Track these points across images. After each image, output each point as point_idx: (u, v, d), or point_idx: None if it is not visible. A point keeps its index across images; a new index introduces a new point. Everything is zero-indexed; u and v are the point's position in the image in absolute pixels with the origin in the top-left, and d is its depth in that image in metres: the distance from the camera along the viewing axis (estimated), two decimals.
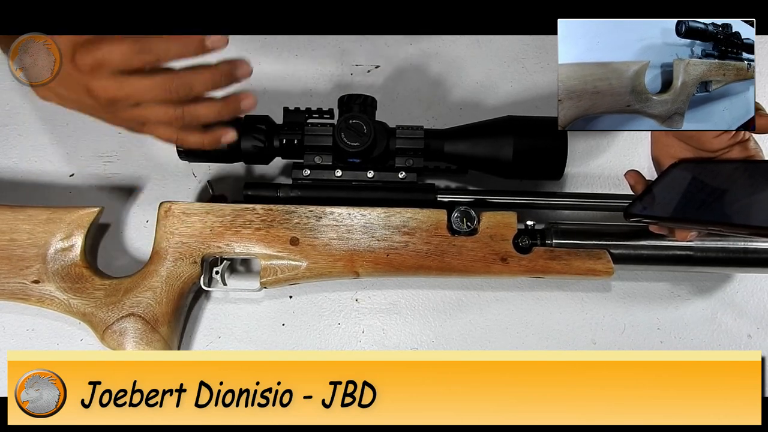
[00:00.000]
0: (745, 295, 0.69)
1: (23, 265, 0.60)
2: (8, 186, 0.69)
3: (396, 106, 0.72)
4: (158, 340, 0.60)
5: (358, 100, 0.61)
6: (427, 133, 0.62)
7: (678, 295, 0.68)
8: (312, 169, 0.62)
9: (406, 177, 0.63)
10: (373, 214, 0.61)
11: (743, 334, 0.67)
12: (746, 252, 0.60)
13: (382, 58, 0.75)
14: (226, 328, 0.66)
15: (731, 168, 0.52)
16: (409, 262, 0.60)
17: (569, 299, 0.68)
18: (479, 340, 0.66)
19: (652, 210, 0.54)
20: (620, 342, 0.67)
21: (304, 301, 0.67)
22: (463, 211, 0.61)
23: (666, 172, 0.55)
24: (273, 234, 0.60)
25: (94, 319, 0.60)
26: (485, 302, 0.68)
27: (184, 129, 0.48)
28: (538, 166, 0.61)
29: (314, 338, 0.66)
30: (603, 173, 0.72)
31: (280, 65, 0.74)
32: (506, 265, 0.60)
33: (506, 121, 0.62)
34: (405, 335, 0.67)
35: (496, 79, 0.74)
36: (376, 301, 0.68)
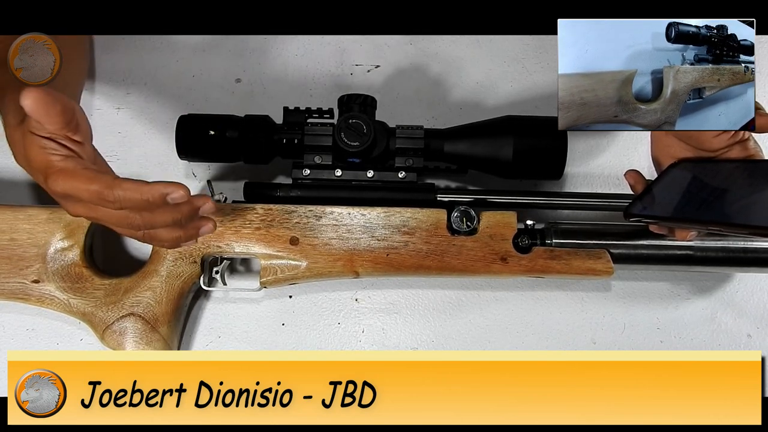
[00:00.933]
0: (745, 294, 0.69)
1: (23, 265, 0.60)
2: (8, 186, 0.69)
3: (396, 105, 0.72)
4: (158, 340, 0.60)
5: (358, 100, 0.61)
6: (427, 132, 0.62)
7: (678, 294, 0.68)
8: (312, 169, 0.62)
9: (405, 177, 0.63)
10: (372, 213, 0.61)
11: (743, 334, 0.67)
12: (746, 251, 0.60)
13: (382, 58, 0.75)
14: (226, 328, 0.66)
15: (731, 167, 0.51)
16: (408, 261, 0.60)
17: (569, 299, 0.68)
18: (479, 340, 0.67)
19: (652, 210, 0.54)
20: (620, 341, 0.67)
21: (304, 301, 0.67)
22: (462, 211, 0.61)
23: (666, 171, 0.55)
24: (273, 233, 0.60)
25: (94, 319, 0.60)
26: (485, 302, 0.68)
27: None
28: (538, 166, 0.61)
29: (314, 338, 0.66)
30: (603, 173, 0.72)
31: (280, 65, 0.74)
32: (506, 264, 0.60)
33: (506, 120, 0.62)
34: (405, 335, 0.67)
35: (496, 79, 0.74)
36: (375, 300, 0.68)
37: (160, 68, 0.73)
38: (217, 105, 0.72)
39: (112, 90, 0.72)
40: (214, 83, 0.73)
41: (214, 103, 0.72)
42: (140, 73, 0.73)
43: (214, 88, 0.73)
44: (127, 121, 0.71)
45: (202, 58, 0.74)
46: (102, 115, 0.71)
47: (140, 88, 0.73)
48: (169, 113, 0.66)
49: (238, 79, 0.73)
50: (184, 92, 0.73)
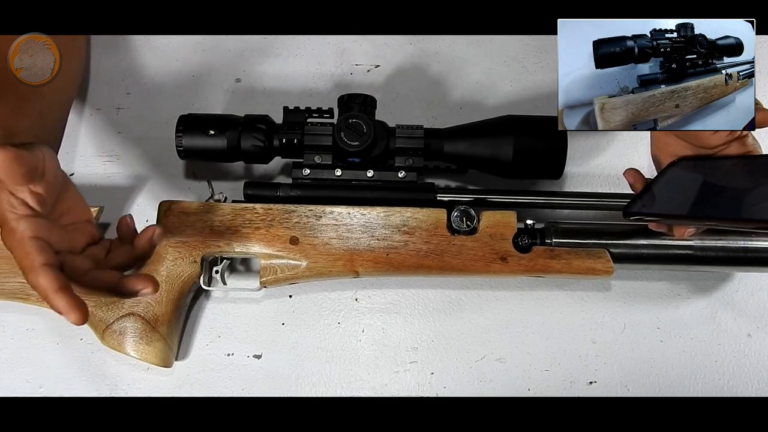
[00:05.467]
0: (745, 294, 0.69)
1: None
2: None
3: (396, 105, 0.72)
4: (158, 340, 0.60)
5: (357, 100, 0.61)
6: (427, 132, 0.62)
7: (678, 294, 0.68)
8: (312, 169, 0.62)
9: (405, 176, 0.63)
10: (372, 213, 0.61)
11: (743, 334, 0.67)
12: (746, 251, 0.60)
13: (382, 57, 0.75)
14: (226, 328, 0.66)
15: (730, 164, 0.51)
16: (408, 261, 0.60)
17: (569, 298, 0.68)
18: (479, 340, 0.67)
19: (652, 208, 0.54)
20: (620, 341, 0.67)
21: (303, 301, 0.67)
22: (462, 211, 0.61)
23: (665, 170, 0.55)
24: (273, 233, 0.60)
25: (93, 319, 0.60)
26: (485, 301, 0.68)
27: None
28: (537, 166, 0.61)
29: (314, 337, 0.66)
30: (603, 172, 0.72)
31: (280, 65, 0.74)
32: (506, 264, 0.60)
33: (506, 120, 0.62)
34: (405, 334, 0.67)
35: (496, 78, 0.74)
36: (375, 300, 0.68)
37: (160, 68, 0.73)
38: (217, 105, 0.72)
39: (112, 90, 0.72)
40: (214, 83, 0.73)
41: (214, 103, 0.72)
42: (140, 73, 0.73)
43: (214, 88, 0.73)
44: (127, 121, 0.71)
45: (202, 58, 0.74)
46: (102, 115, 0.71)
47: (140, 88, 0.73)
48: (169, 113, 0.66)
49: (238, 79, 0.73)
50: (184, 92, 0.73)
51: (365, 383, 0.66)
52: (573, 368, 0.66)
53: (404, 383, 0.66)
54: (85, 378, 0.65)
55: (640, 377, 0.66)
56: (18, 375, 0.64)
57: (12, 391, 0.64)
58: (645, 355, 0.66)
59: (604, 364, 0.66)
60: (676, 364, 0.66)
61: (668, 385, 0.66)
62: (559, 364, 0.66)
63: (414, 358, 0.66)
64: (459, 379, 0.66)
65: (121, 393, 0.64)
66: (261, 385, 0.65)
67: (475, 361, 0.66)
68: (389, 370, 0.66)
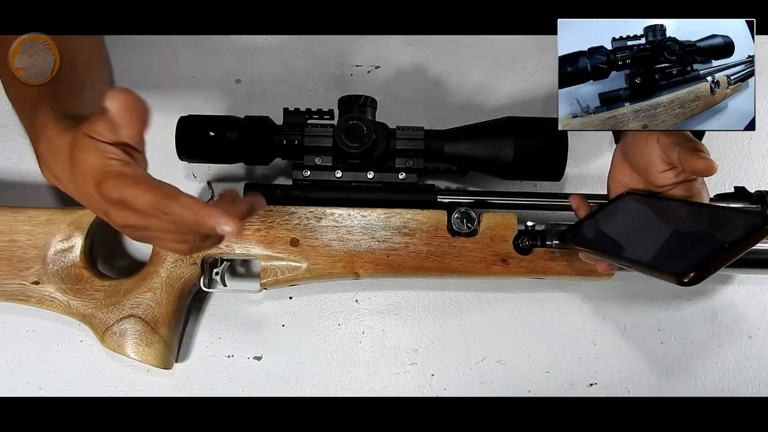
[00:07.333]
0: (746, 295, 0.68)
1: (23, 267, 0.60)
2: (8, 187, 0.69)
3: (396, 106, 0.72)
4: (158, 341, 0.60)
5: (358, 101, 0.61)
6: (428, 133, 0.62)
7: (678, 295, 0.68)
8: (312, 170, 0.62)
9: (406, 178, 0.62)
10: (373, 215, 0.61)
11: (744, 335, 0.67)
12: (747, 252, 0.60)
13: (382, 58, 0.75)
14: (226, 329, 0.66)
15: (677, 205, 0.50)
16: (409, 263, 0.60)
17: (569, 300, 0.68)
18: (479, 342, 0.66)
19: (585, 238, 0.53)
20: (620, 343, 0.67)
21: (304, 302, 0.67)
22: (463, 212, 0.61)
23: (612, 201, 0.55)
24: (273, 235, 0.60)
25: (94, 321, 0.60)
26: (485, 303, 0.68)
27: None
28: (538, 167, 0.61)
29: (314, 339, 0.66)
30: (603, 174, 0.70)
31: (280, 65, 0.74)
32: (506, 266, 0.60)
33: (506, 121, 0.62)
34: (405, 336, 0.67)
35: (496, 79, 0.74)
36: (376, 302, 0.68)
37: (160, 68, 0.73)
38: (217, 106, 0.72)
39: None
40: (214, 83, 0.73)
41: (213, 103, 0.72)
42: (140, 73, 0.73)
43: (214, 89, 0.73)
44: None
45: (202, 58, 0.74)
46: None
47: (140, 88, 0.72)
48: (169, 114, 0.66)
49: (238, 80, 0.73)
50: (184, 93, 0.72)
51: (365, 385, 0.65)
52: (573, 370, 0.66)
53: (404, 385, 0.66)
54: (85, 379, 0.65)
55: (640, 379, 0.66)
56: (18, 376, 0.64)
57: (12, 392, 0.64)
58: (646, 356, 0.66)
59: (605, 365, 0.66)
60: (677, 365, 0.66)
61: (669, 386, 0.66)
62: (560, 366, 0.66)
63: (414, 359, 0.66)
64: (459, 380, 0.66)
65: (121, 394, 0.64)
66: (261, 386, 0.65)
67: (475, 363, 0.66)
68: (389, 372, 0.66)
